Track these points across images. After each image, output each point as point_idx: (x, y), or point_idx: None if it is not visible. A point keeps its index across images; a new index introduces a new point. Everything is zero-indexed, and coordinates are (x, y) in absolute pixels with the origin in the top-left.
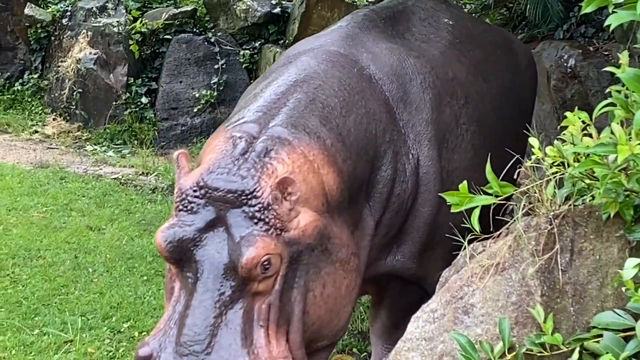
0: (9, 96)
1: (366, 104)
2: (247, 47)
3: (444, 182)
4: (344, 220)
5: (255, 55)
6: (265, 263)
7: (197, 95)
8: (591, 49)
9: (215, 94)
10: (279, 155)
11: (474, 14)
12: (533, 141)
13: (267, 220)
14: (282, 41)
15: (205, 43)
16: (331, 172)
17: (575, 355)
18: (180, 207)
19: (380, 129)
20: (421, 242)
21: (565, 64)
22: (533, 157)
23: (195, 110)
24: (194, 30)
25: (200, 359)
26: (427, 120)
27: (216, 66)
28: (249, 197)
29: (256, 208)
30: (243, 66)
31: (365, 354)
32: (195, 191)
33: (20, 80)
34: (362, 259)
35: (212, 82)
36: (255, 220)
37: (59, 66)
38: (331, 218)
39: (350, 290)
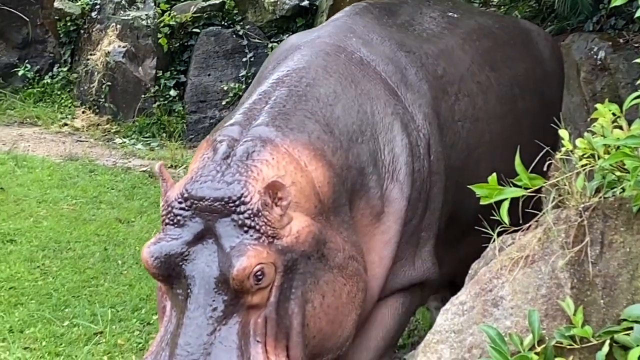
0: (38, 89)
1: (357, 86)
2: (275, 40)
3: (447, 175)
4: (343, 219)
5: None
6: (258, 273)
7: (225, 88)
8: (621, 41)
9: (244, 86)
10: (262, 157)
11: (502, 7)
12: (563, 133)
13: (257, 227)
14: None
15: (234, 36)
16: (320, 166)
17: (606, 348)
18: (167, 220)
19: (379, 104)
20: (435, 237)
21: (595, 56)
22: (563, 149)
23: (224, 103)
24: (223, 23)
25: None
26: (432, 107)
27: (244, 59)
28: (237, 203)
29: (245, 215)
30: None
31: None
32: (180, 203)
33: (50, 74)
34: (393, 247)
35: (240, 75)
36: (246, 229)
37: (88, 59)
38: (326, 220)
39: (353, 297)
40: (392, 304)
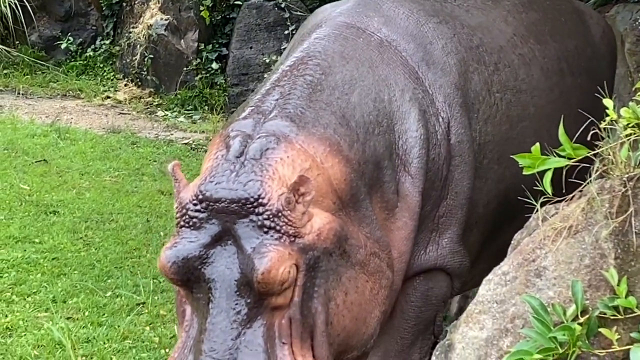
0: (81, 62)
1: (375, 71)
2: None
3: (476, 154)
4: (364, 214)
5: None
6: (282, 274)
7: (267, 60)
8: None
9: None
10: (277, 154)
11: None
12: (607, 102)
13: (278, 228)
14: None
15: (276, 8)
16: (336, 163)
17: None
18: (182, 223)
19: (396, 92)
20: (463, 222)
21: (639, 27)
22: (607, 118)
23: (266, 75)
24: None
25: None
26: (456, 85)
27: (286, 32)
28: (255, 205)
29: (264, 216)
30: None
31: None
32: (195, 205)
33: (93, 46)
34: (412, 241)
35: (282, 47)
36: (265, 229)
37: (130, 32)
38: (346, 216)
39: (375, 293)
40: (405, 290)
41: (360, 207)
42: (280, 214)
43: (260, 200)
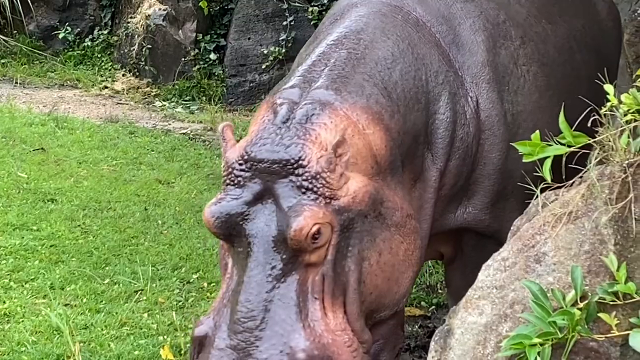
0: (79, 52)
1: (414, 50)
2: (316, 4)
3: (509, 125)
4: (399, 180)
5: (324, 12)
6: (315, 233)
7: (265, 51)
8: None
9: (284, 50)
10: (321, 120)
11: None
12: (608, 88)
13: (315, 189)
14: None
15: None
16: (377, 130)
17: None
18: (227, 181)
19: (432, 72)
20: (493, 191)
21: (639, 18)
22: (608, 104)
23: (264, 67)
24: None
25: (254, 335)
26: (483, 62)
27: (284, 23)
28: (295, 166)
29: (303, 177)
30: (311, 23)
31: (433, 307)
32: (240, 164)
33: (90, 36)
34: (427, 212)
35: (280, 38)
36: (303, 190)
37: (128, 22)
38: (383, 180)
39: (410, 254)
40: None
41: (396, 173)
42: (318, 176)
43: (300, 162)
